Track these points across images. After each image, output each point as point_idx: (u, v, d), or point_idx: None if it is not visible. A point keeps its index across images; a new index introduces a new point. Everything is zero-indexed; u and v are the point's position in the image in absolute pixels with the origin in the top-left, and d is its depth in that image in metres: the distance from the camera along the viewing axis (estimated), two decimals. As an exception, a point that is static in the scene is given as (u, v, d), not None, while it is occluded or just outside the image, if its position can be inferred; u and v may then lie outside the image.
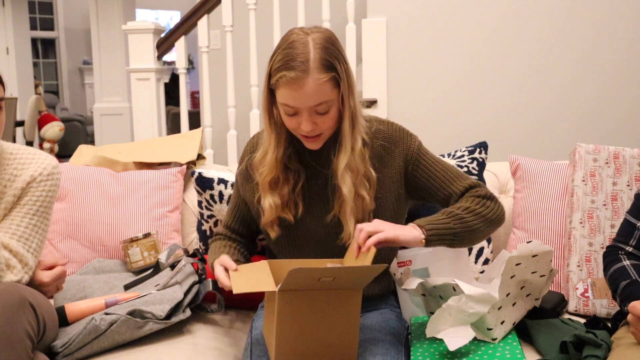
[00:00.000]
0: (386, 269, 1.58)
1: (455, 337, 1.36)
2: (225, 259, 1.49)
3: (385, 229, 1.38)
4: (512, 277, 1.45)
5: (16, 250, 1.48)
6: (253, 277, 1.40)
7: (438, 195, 1.55)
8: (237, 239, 1.68)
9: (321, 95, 1.39)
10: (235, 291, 1.37)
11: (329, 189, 1.51)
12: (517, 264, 1.44)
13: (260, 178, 1.52)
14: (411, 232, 1.40)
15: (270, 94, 1.46)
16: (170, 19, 10.17)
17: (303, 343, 1.35)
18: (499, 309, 1.44)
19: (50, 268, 1.59)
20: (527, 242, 1.45)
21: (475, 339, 1.43)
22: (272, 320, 1.35)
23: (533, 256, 1.45)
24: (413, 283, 1.48)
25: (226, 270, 1.47)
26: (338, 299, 1.34)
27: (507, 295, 1.46)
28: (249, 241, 1.71)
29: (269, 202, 1.51)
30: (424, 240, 1.40)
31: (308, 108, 1.40)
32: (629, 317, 1.33)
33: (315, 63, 1.37)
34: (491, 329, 1.44)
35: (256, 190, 1.56)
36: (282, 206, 1.51)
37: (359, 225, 1.39)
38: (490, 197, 1.53)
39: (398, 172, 1.54)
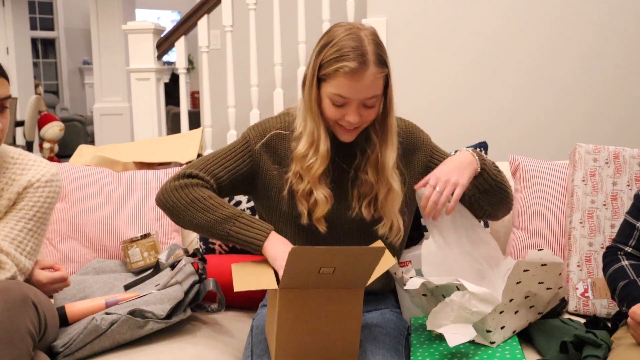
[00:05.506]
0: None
1: (456, 334, 1.35)
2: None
3: (459, 182, 1.48)
4: (517, 283, 1.44)
5: (7, 250, 1.48)
6: (255, 274, 1.39)
7: None
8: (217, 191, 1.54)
9: (375, 88, 1.43)
10: (236, 289, 1.34)
11: (349, 184, 1.53)
12: (525, 270, 1.43)
13: (310, 172, 1.48)
14: (471, 165, 1.52)
15: (317, 85, 1.46)
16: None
17: (304, 341, 1.35)
18: (500, 312, 1.44)
19: (48, 269, 1.59)
20: (539, 250, 1.43)
21: (473, 340, 1.43)
22: (274, 318, 1.34)
23: (542, 265, 1.44)
24: (416, 283, 1.47)
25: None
26: (340, 298, 1.34)
27: (511, 300, 1.45)
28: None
29: (322, 194, 1.48)
30: (478, 169, 1.53)
31: (359, 100, 1.42)
32: (629, 321, 1.33)
33: (372, 57, 1.41)
34: (490, 332, 1.43)
35: (284, 178, 1.52)
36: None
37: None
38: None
39: (416, 166, 1.60)
